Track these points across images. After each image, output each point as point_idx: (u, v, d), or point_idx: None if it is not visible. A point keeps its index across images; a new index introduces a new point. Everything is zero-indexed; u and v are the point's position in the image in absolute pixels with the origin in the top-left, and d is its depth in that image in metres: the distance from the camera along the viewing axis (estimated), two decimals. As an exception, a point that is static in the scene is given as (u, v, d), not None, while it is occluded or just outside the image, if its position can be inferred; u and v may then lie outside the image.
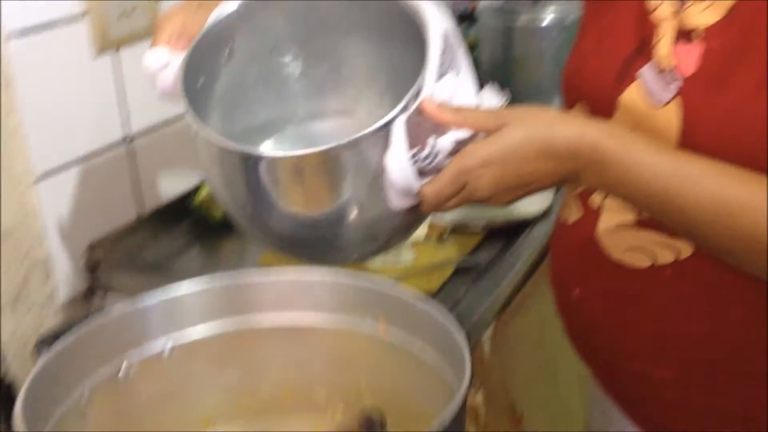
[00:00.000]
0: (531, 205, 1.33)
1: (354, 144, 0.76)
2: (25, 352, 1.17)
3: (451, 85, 0.79)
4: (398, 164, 0.75)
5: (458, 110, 0.77)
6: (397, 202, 0.77)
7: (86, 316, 0.85)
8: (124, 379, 0.84)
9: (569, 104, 0.91)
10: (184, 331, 0.87)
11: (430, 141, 0.76)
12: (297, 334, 0.87)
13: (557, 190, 1.30)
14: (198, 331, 0.88)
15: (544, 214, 1.35)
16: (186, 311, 0.87)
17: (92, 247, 1.27)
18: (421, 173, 0.77)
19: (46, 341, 0.82)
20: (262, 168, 0.78)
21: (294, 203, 0.82)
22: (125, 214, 1.33)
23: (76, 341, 0.80)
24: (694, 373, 0.84)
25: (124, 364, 0.84)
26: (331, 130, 0.98)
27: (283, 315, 0.88)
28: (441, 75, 0.79)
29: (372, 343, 0.86)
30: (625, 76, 0.82)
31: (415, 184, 0.76)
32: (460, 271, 1.22)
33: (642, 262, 0.84)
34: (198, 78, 0.88)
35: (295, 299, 0.87)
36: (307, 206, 0.82)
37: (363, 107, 0.95)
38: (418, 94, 0.77)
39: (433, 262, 1.23)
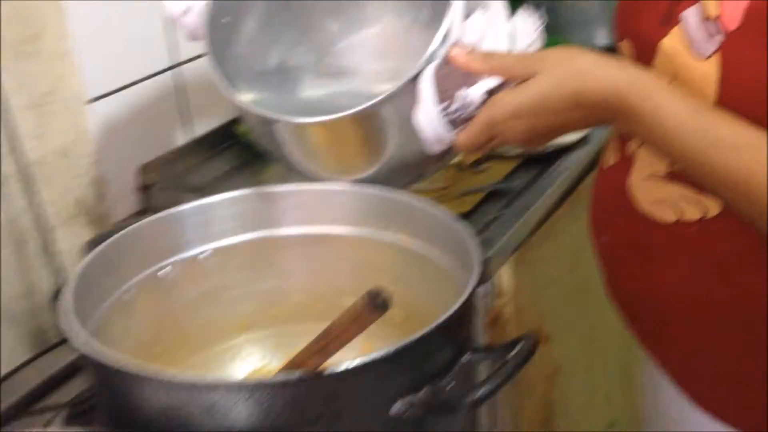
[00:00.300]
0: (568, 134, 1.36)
1: (382, 103, 0.76)
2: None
3: (480, 24, 0.78)
4: (428, 120, 0.75)
5: (488, 57, 0.76)
6: (430, 149, 0.79)
7: (127, 224, 0.91)
8: (164, 279, 0.90)
9: (617, 38, 0.89)
10: (218, 238, 0.93)
11: (461, 93, 0.74)
12: (324, 242, 0.91)
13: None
14: (231, 239, 0.93)
15: (580, 142, 1.38)
16: (220, 220, 0.93)
17: (143, 170, 1.34)
18: (453, 123, 0.76)
19: (94, 243, 0.88)
20: (290, 130, 0.82)
21: (328, 160, 0.86)
22: (175, 139, 1.40)
23: (120, 242, 0.86)
24: (706, 333, 0.83)
25: (165, 266, 0.90)
26: (361, 65, 1.00)
27: (310, 226, 0.93)
28: (467, 14, 0.78)
29: (395, 252, 0.91)
30: (670, 18, 0.78)
31: (447, 136, 0.76)
32: (492, 196, 1.26)
33: (668, 216, 0.82)
34: (224, 17, 0.91)
35: (321, 211, 0.92)
36: (340, 162, 0.86)
37: (391, 23, 0.97)
38: (444, 39, 0.76)
39: (467, 187, 1.27)
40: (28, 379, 1.10)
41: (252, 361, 0.95)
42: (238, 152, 1.44)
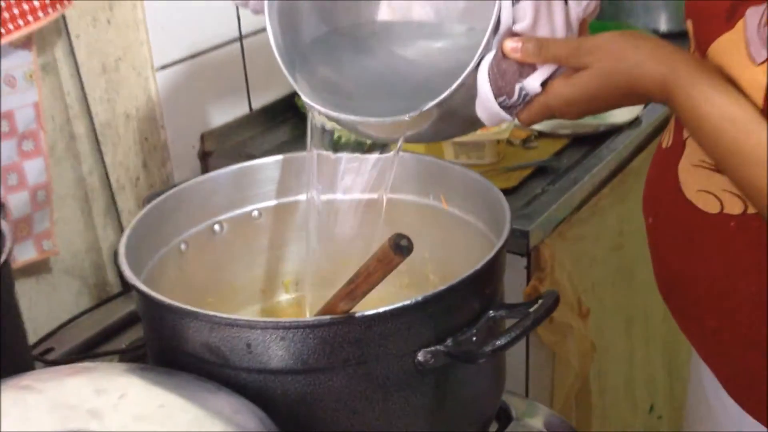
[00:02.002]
0: (620, 114, 1.39)
1: (443, 101, 0.78)
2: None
3: (531, 6, 0.78)
4: (488, 113, 0.77)
5: (542, 48, 0.77)
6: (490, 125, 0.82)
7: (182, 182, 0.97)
8: (218, 234, 0.96)
9: (685, 16, 0.87)
10: (271, 198, 0.98)
11: (517, 88, 0.77)
12: (369, 207, 0.96)
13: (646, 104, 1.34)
14: (283, 200, 0.99)
15: (632, 123, 1.40)
16: (273, 181, 0.98)
17: (205, 137, 1.41)
18: (511, 110, 0.78)
19: (153, 196, 0.94)
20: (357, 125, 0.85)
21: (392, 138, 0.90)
22: (236, 109, 1.46)
23: (177, 197, 0.92)
24: (740, 329, 0.84)
25: (219, 221, 0.96)
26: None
27: (357, 192, 0.97)
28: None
29: (435, 217, 0.95)
30: (735, 13, 0.75)
31: (507, 118, 0.80)
32: (540, 172, 1.29)
33: (711, 207, 0.81)
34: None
35: (367, 177, 0.96)
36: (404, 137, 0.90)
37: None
38: (497, 27, 0.77)
39: (516, 163, 1.31)
40: (88, 327, 1.18)
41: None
42: (295, 124, 1.50)
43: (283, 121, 1.51)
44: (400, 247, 0.64)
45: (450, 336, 0.74)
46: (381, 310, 0.70)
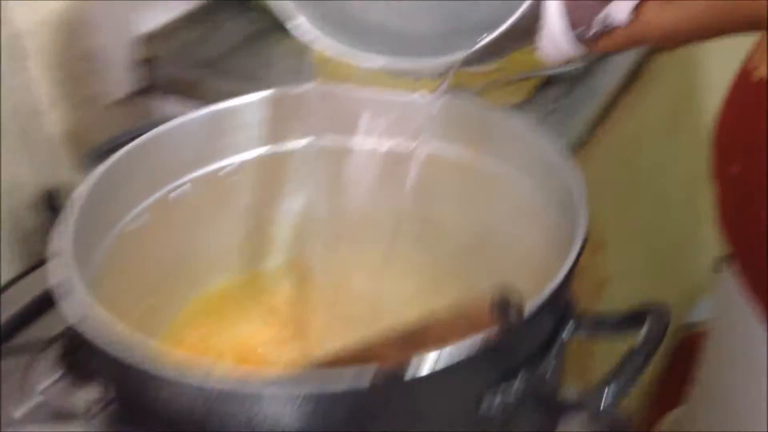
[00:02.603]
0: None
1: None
2: (77, 155, 1.09)
3: None
4: (556, 48, 0.60)
5: None
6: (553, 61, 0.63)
7: (139, 128, 0.74)
8: (178, 201, 0.75)
9: None
10: (245, 149, 0.77)
11: (600, 17, 0.59)
12: (390, 158, 0.75)
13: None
14: (262, 150, 0.77)
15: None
16: (248, 127, 0.76)
17: (146, 40, 1.16)
18: (586, 43, 0.61)
19: (90, 159, 0.72)
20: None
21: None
22: (179, 4, 1.21)
23: (122, 163, 0.70)
24: None
25: (178, 186, 0.74)
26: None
27: (353, 135, 0.76)
28: None
29: (462, 172, 0.75)
30: None
31: (579, 53, 0.61)
32: (552, 81, 1.09)
33: None
34: None
35: (372, 118, 0.75)
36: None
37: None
38: None
39: (523, 71, 1.10)
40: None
41: (282, 292, 0.80)
42: (251, 19, 1.25)
43: (240, 13, 1.27)
44: (507, 311, 0.43)
45: (521, 368, 0.55)
46: (441, 365, 0.50)
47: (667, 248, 1.41)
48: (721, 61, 0.92)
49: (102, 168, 0.68)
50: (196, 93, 1.17)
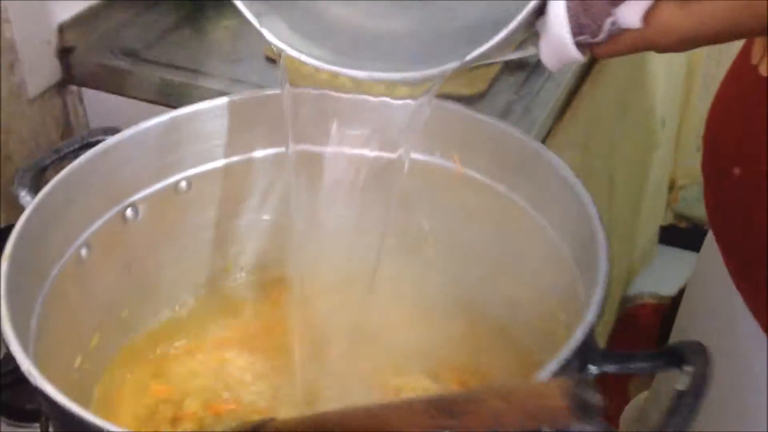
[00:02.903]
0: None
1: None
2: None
3: None
4: (558, 55, 0.53)
5: None
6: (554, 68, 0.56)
7: (76, 143, 0.65)
8: (130, 222, 0.66)
9: None
10: (206, 161, 0.68)
11: (607, 23, 0.52)
12: (349, 164, 0.68)
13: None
14: (221, 161, 0.69)
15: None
16: (206, 136, 0.67)
17: (63, 29, 1.05)
18: (589, 47, 0.54)
19: (23, 181, 0.62)
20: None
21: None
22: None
23: (69, 181, 0.61)
24: None
25: (132, 204, 0.66)
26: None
27: (324, 144, 0.68)
28: None
29: (440, 179, 0.69)
30: None
31: (580, 60, 0.54)
32: (510, 67, 1.03)
33: None
34: None
35: (343, 122, 0.67)
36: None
37: None
38: None
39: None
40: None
41: (245, 313, 0.72)
42: (177, 4, 1.15)
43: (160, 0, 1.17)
44: (587, 410, 0.36)
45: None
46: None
47: (616, 222, 1.38)
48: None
49: (31, 208, 0.59)
50: (121, 85, 1.07)
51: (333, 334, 0.65)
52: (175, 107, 0.68)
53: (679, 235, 1.84)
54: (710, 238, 0.83)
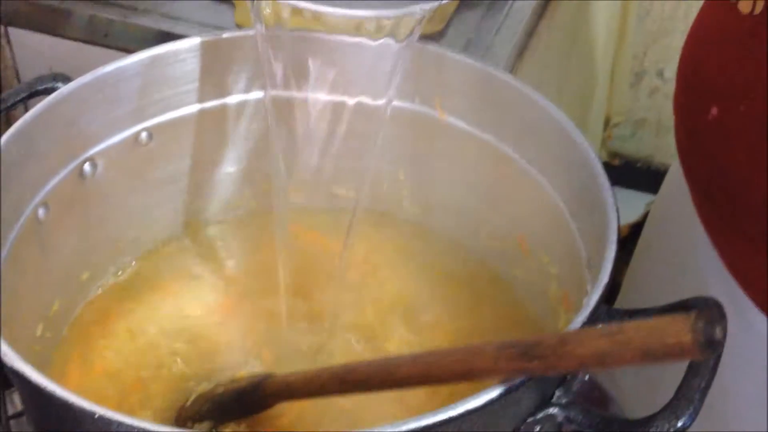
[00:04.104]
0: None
1: None
2: None
3: None
4: None
5: None
6: None
7: (23, 92, 0.59)
8: (88, 178, 0.61)
9: None
10: (169, 109, 0.63)
11: None
12: (331, 112, 0.63)
13: None
14: (188, 109, 0.64)
15: None
16: (162, 84, 0.62)
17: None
18: None
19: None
20: None
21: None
22: None
23: (20, 139, 0.55)
24: None
25: (89, 159, 0.61)
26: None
27: (294, 89, 0.64)
28: None
29: (419, 126, 0.65)
30: None
31: None
32: (466, 4, 0.99)
33: None
34: None
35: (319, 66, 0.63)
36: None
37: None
38: None
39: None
40: None
41: (219, 262, 0.68)
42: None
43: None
44: (714, 344, 0.34)
45: (558, 387, 0.46)
46: (474, 404, 0.40)
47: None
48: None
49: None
50: (51, 24, 0.99)
51: (314, 283, 0.62)
52: (109, 47, 0.62)
53: (613, 172, 1.84)
54: (671, 177, 0.82)
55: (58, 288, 0.60)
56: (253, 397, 0.52)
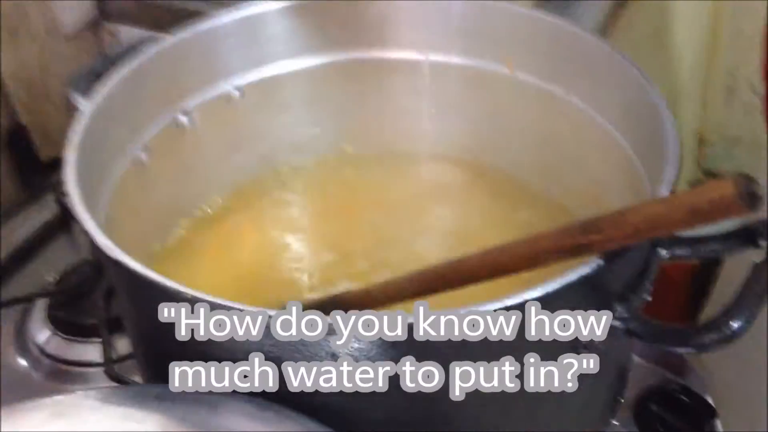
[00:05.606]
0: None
1: None
2: (31, 93, 0.98)
3: None
4: None
5: None
6: None
7: (117, 54, 0.65)
8: (185, 130, 0.66)
9: None
10: (261, 65, 0.68)
11: None
12: (401, 71, 0.67)
13: None
14: (280, 66, 0.68)
15: None
16: (264, 39, 0.67)
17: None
18: None
19: (81, 81, 0.62)
20: None
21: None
22: None
23: (124, 82, 0.60)
24: None
25: (186, 111, 0.65)
26: None
27: (378, 48, 0.68)
28: None
29: (504, 88, 0.68)
30: None
31: None
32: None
33: None
34: None
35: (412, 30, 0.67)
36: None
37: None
38: None
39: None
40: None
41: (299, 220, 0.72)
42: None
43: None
44: (754, 198, 0.36)
45: (620, 300, 0.48)
46: (537, 293, 0.43)
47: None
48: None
49: (98, 101, 0.58)
50: (156, 20, 1.06)
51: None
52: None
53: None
54: None
55: (156, 224, 0.64)
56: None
